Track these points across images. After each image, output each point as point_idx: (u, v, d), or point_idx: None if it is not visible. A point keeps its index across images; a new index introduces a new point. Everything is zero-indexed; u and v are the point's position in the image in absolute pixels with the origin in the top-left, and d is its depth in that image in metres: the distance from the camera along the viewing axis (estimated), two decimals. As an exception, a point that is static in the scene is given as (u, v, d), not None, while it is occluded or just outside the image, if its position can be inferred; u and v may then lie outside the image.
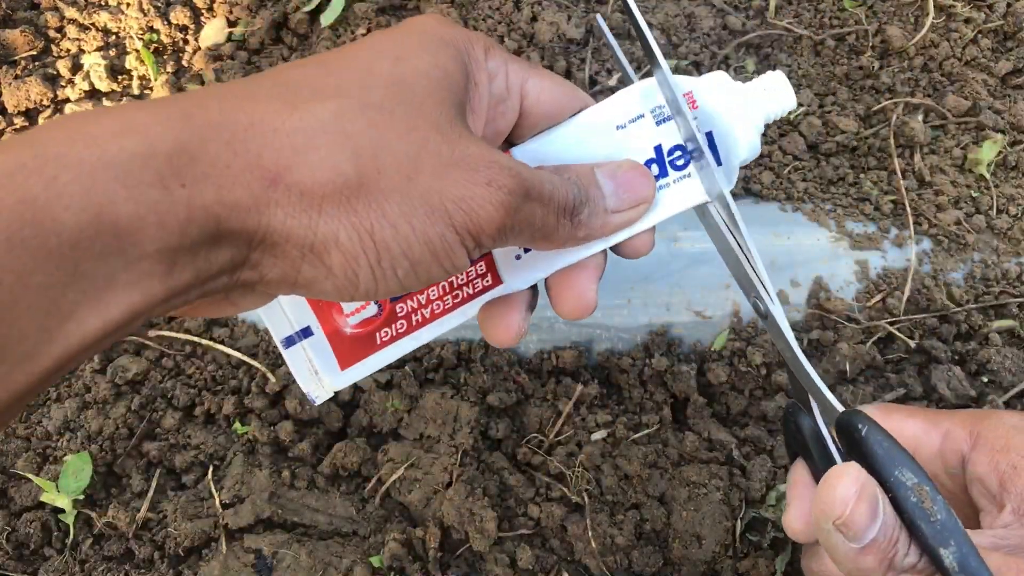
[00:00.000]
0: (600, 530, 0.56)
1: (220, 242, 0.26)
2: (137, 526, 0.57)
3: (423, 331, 0.38)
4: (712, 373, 0.61)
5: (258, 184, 0.26)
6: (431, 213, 0.28)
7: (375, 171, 0.27)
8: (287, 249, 0.27)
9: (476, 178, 0.29)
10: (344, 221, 0.27)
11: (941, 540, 0.30)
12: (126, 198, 0.23)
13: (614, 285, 0.63)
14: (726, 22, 0.70)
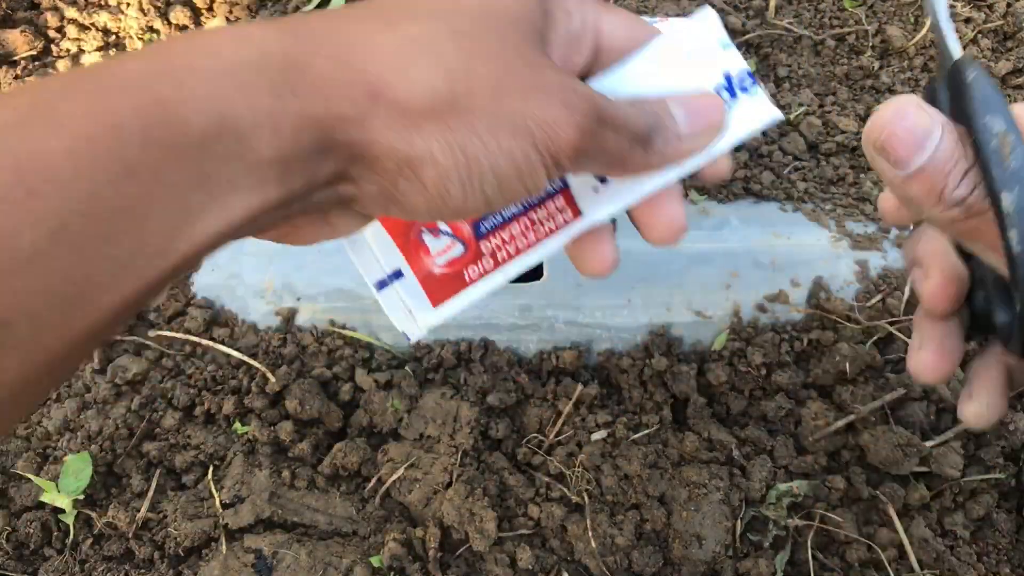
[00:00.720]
0: (600, 530, 0.56)
1: (326, 152, 0.28)
2: (137, 526, 0.57)
3: (509, 266, 0.39)
4: (712, 373, 0.61)
5: (362, 97, 0.28)
6: (516, 132, 0.30)
7: (467, 91, 0.29)
8: (385, 163, 0.29)
9: (554, 100, 0.31)
10: (439, 137, 0.29)
11: (1006, 184, 0.30)
12: (245, 105, 0.25)
13: (614, 285, 0.63)
14: (726, 22, 0.70)
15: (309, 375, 0.61)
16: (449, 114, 0.29)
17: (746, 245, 0.64)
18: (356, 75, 0.28)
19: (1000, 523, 0.58)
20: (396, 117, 0.28)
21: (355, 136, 0.28)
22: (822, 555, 0.58)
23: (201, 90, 0.25)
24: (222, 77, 0.25)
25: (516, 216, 0.39)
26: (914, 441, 0.57)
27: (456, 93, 0.29)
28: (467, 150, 0.30)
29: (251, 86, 0.25)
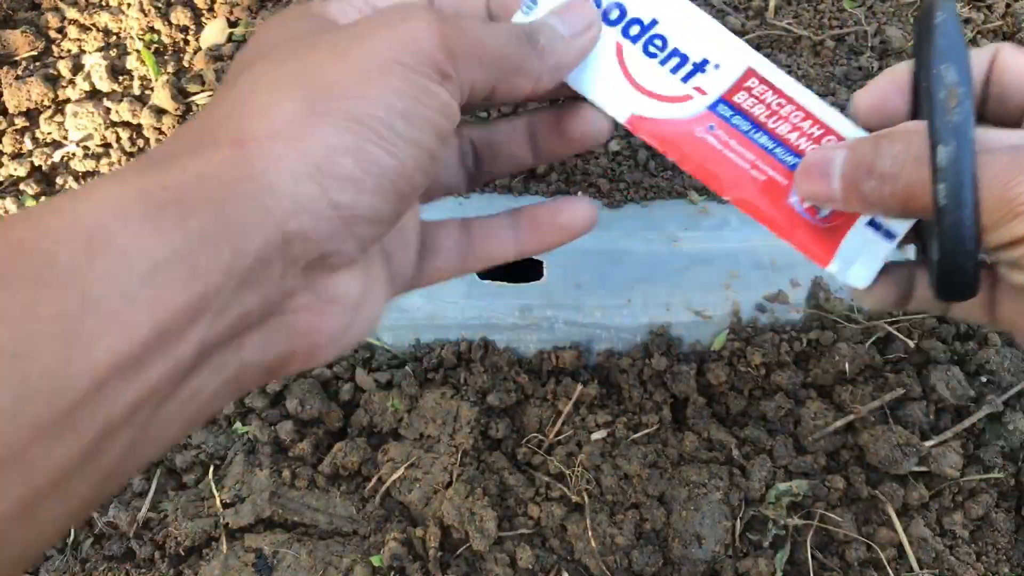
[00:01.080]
0: (600, 530, 0.56)
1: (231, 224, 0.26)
2: (138, 526, 0.57)
3: None
4: (712, 373, 0.61)
5: (229, 149, 0.26)
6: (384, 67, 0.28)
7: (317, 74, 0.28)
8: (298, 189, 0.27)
9: (409, 24, 0.29)
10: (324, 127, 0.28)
11: (943, 137, 0.30)
12: (112, 216, 0.23)
13: (614, 285, 0.63)
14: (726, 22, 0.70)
15: (309, 375, 0.61)
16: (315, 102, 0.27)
17: (746, 245, 0.64)
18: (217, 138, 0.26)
19: (999, 522, 0.58)
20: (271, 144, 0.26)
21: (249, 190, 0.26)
22: (821, 554, 0.58)
23: (57, 222, 0.23)
24: (84, 201, 0.23)
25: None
26: (913, 441, 0.57)
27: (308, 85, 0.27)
28: (355, 113, 0.28)
29: (111, 199, 0.24)
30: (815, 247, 0.42)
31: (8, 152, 0.70)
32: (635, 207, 0.67)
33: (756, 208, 0.42)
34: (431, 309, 0.63)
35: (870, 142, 0.33)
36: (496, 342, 0.63)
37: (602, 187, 0.66)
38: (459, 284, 0.63)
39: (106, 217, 0.23)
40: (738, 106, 0.42)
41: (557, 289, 0.63)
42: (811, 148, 0.40)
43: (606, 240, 0.64)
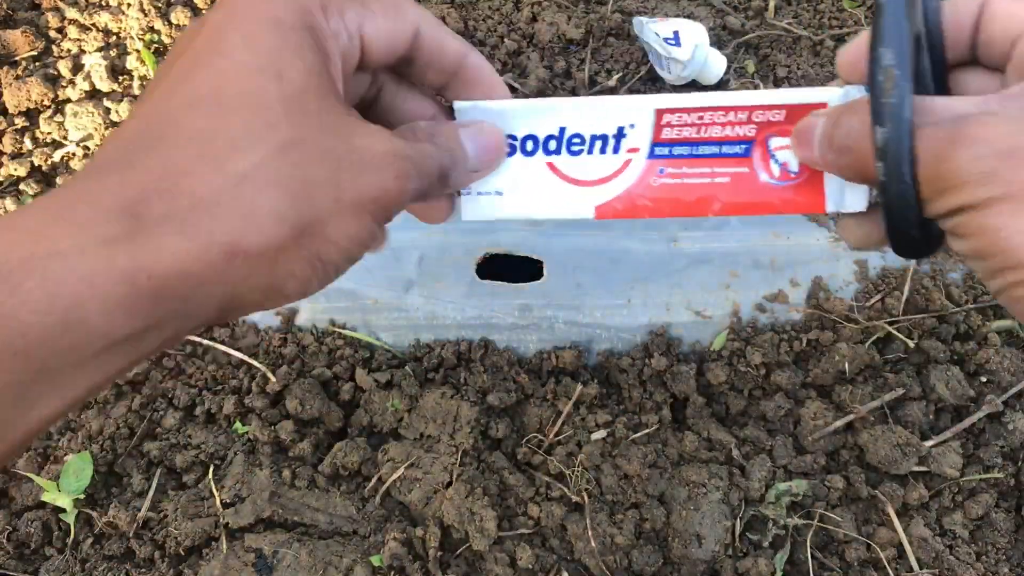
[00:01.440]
0: (600, 529, 0.56)
1: (189, 316, 0.28)
2: (138, 525, 0.57)
3: None
4: (711, 373, 0.61)
5: (218, 260, 0.28)
6: (359, 217, 0.33)
7: (311, 207, 0.31)
8: (250, 297, 0.31)
9: (385, 176, 0.33)
10: (296, 259, 0.31)
11: (880, 119, 0.32)
12: (92, 297, 0.25)
13: (614, 285, 0.63)
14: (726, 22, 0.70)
15: (309, 375, 0.61)
16: (303, 237, 0.30)
17: (746, 245, 0.64)
18: (206, 237, 0.28)
19: (999, 522, 0.58)
20: (257, 265, 0.29)
21: (217, 294, 0.29)
22: (821, 554, 0.58)
23: (39, 292, 0.24)
24: (63, 274, 0.25)
25: None
26: (913, 441, 0.57)
27: (302, 213, 0.30)
28: (323, 256, 0.32)
29: (98, 280, 0.25)
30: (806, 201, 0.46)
31: (8, 152, 0.70)
32: (635, 207, 0.67)
33: (739, 204, 0.47)
34: (431, 309, 0.63)
35: (834, 114, 0.35)
36: (496, 342, 0.63)
37: (602, 187, 0.67)
38: (459, 284, 0.63)
39: (85, 295, 0.25)
40: (670, 140, 0.46)
41: (557, 289, 0.63)
42: (745, 131, 0.45)
43: (606, 240, 0.64)
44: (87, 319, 0.25)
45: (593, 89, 0.68)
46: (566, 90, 0.68)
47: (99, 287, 0.25)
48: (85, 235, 0.26)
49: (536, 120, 0.46)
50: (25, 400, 0.25)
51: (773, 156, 0.46)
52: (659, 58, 0.65)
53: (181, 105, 0.31)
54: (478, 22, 0.69)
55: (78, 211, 0.26)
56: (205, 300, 0.29)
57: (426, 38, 0.40)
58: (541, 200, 0.47)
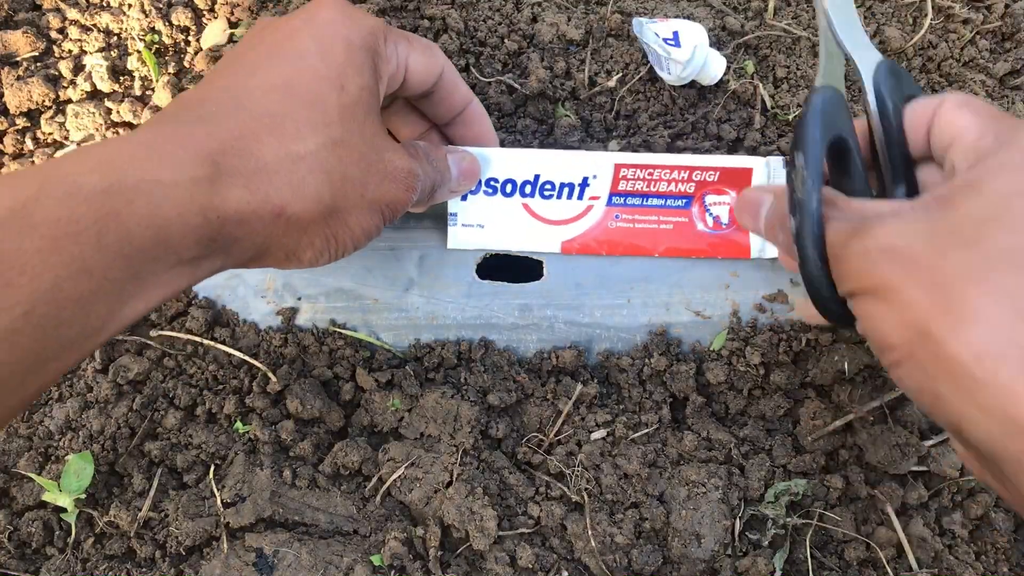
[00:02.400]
0: (600, 529, 0.56)
1: (234, 253, 0.36)
2: (139, 525, 0.57)
3: None
4: (711, 373, 0.61)
5: (269, 216, 0.36)
6: (373, 214, 0.41)
7: (343, 196, 0.39)
8: (277, 253, 0.39)
9: (400, 187, 0.42)
10: (319, 233, 0.39)
11: (793, 209, 0.38)
12: (179, 223, 0.32)
13: (614, 285, 0.63)
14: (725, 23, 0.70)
15: (310, 375, 0.62)
16: (330, 216, 0.38)
17: (745, 245, 0.65)
18: (264, 197, 0.35)
19: (998, 522, 0.58)
20: (292, 226, 0.37)
21: (259, 243, 0.37)
22: (820, 554, 0.58)
23: (145, 209, 0.31)
24: (162, 199, 0.31)
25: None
26: (912, 440, 0.57)
27: (336, 199, 0.38)
28: (339, 237, 0.40)
29: (184, 208, 0.32)
30: (734, 247, 0.58)
31: (9, 152, 0.70)
32: (635, 207, 0.67)
33: (679, 248, 0.58)
34: (431, 309, 0.63)
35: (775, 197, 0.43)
36: (496, 342, 0.63)
37: (602, 187, 0.67)
38: (459, 284, 0.63)
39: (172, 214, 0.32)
40: (624, 191, 0.55)
41: (557, 289, 0.63)
42: (686, 187, 0.55)
43: (606, 240, 0.65)
44: (171, 238, 0.32)
45: (592, 89, 0.68)
46: (566, 90, 0.68)
47: (184, 215, 0.32)
48: (180, 172, 0.32)
49: (516, 166, 0.55)
50: (123, 296, 0.31)
51: (708, 210, 0.57)
52: (659, 59, 0.65)
53: (260, 86, 0.38)
54: (479, 22, 0.69)
55: (175, 152, 0.33)
56: (247, 245, 0.36)
57: (447, 80, 0.49)
58: (516, 235, 0.56)
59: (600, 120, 0.68)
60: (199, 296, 0.64)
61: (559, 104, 0.68)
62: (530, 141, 0.68)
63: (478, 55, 0.68)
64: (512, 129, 0.68)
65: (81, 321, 0.30)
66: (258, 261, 0.38)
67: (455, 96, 0.51)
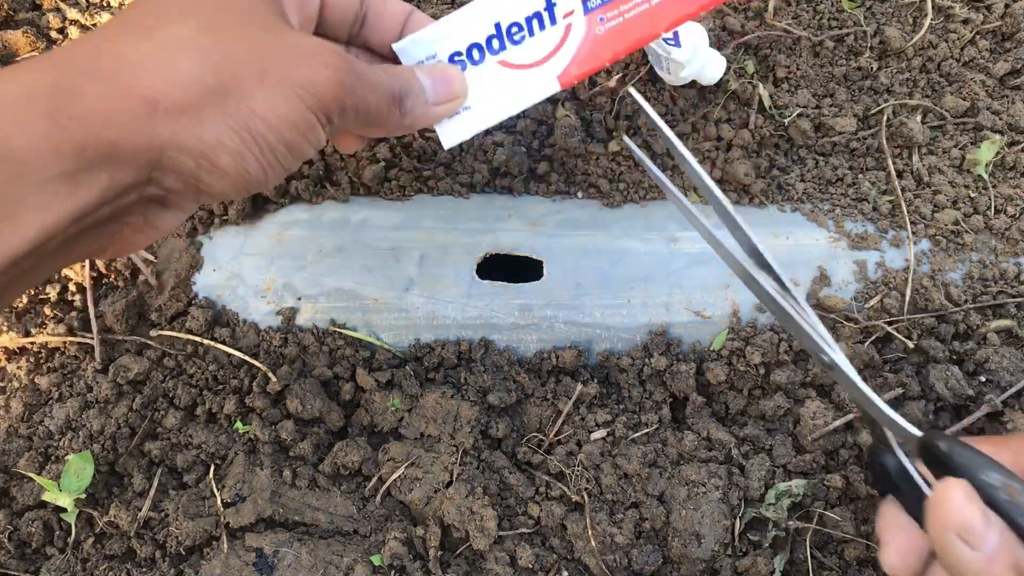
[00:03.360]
0: (600, 529, 0.56)
1: (119, 163, 0.31)
2: (139, 525, 0.57)
3: None
4: (711, 373, 0.61)
5: (139, 109, 0.30)
6: (288, 99, 0.34)
7: (232, 76, 0.32)
8: (182, 160, 0.32)
9: (315, 63, 0.35)
10: (223, 125, 0.32)
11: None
12: (17, 132, 0.28)
13: (614, 285, 0.63)
14: (725, 23, 0.70)
15: (310, 375, 0.62)
16: (225, 100, 0.32)
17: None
18: (127, 90, 0.30)
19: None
20: (177, 117, 0.31)
21: (144, 144, 0.31)
22: (820, 553, 0.58)
23: None
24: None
25: None
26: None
27: (224, 80, 0.32)
28: (251, 129, 0.33)
29: (22, 117, 0.28)
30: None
31: (9, 152, 0.70)
32: (635, 207, 0.67)
33: (684, 10, 0.49)
34: (431, 309, 0.63)
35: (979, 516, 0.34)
36: (496, 342, 0.63)
37: (602, 187, 0.67)
38: (459, 284, 0.63)
39: (11, 129, 0.28)
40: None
41: (557, 289, 0.63)
42: None
43: (606, 240, 0.65)
44: (15, 151, 0.28)
45: (593, 90, 0.68)
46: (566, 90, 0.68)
47: (24, 123, 0.28)
48: (15, 85, 0.29)
49: (472, 27, 0.48)
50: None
51: None
52: (658, 59, 0.65)
53: (135, 3, 0.34)
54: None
55: (14, 70, 0.29)
56: (132, 149, 0.31)
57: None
58: (507, 97, 0.48)
59: (600, 120, 0.68)
60: (199, 296, 0.64)
61: (559, 104, 0.68)
62: (530, 141, 0.68)
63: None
64: (512, 130, 0.68)
65: None
66: (166, 176, 0.33)
67: (388, 9, 0.44)
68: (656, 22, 0.49)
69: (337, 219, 0.65)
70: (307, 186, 0.66)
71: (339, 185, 0.66)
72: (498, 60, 0.48)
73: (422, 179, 0.67)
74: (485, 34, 0.48)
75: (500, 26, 0.48)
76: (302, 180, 0.66)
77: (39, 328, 0.64)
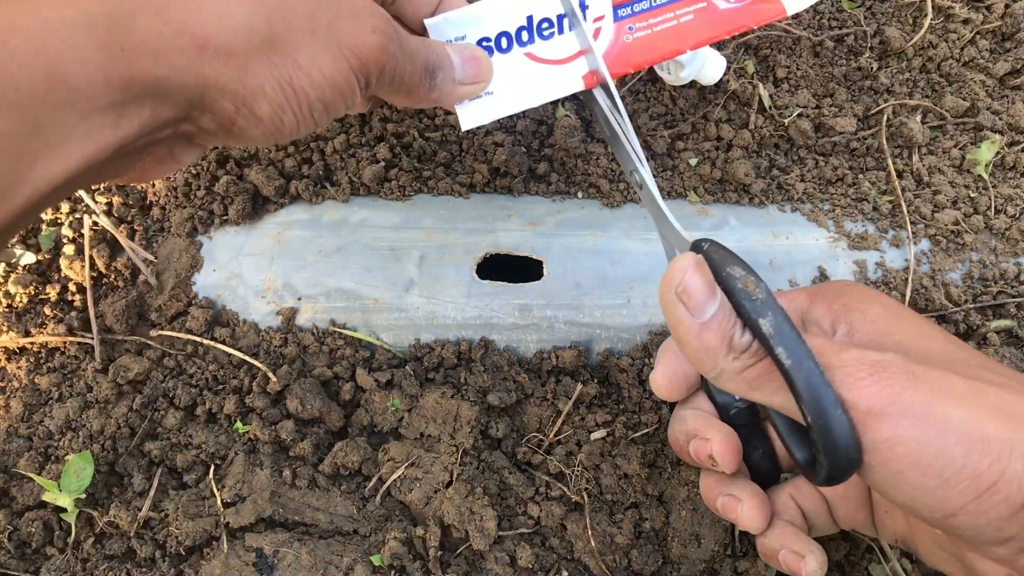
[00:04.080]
0: (599, 529, 0.56)
1: (161, 99, 0.31)
2: (139, 525, 0.57)
3: None
4: (711, 373, 0.61)
5: (191, 48, 0.30)
6: (335, 60, 0.34)
7: (284, 28, 0.33)
8: (222, 103, 0.32)
9: (364, 25, 0.35)
10: (267, 74, 0.33)
11: (760, 313, 0.34)
12: (73, 58, 0.27)
13: (613, 285, 0.63)
14: (725, 23, 0.70)
15: (310, 375, 0.62)
16: (273, 51, 0.32)
17: (744, 245, 0.65)
18: (180, 27, 0.30)
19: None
20: (225, 61, 0.31)
21: (189, 83, 0.31)
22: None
23: (26, 47, 0.26)
24: (47, 36, 0.27)
25: None
26: (912, 440, 0.57)
27: (275, 32, 0.32)
28: (294, 83, 0.33)
29: (78, 43, 0.28)
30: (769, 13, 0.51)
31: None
32: (635, 207, 0.67)
33: (710, 33, 0.51)
34: (431, 309, 0.63)
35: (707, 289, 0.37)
36: (496, 342, 0.63)
37: (602, 187, 0.67)
38: (459, 284, 0.63)
39: (68, 55, 0.27)
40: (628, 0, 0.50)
41: (557, 289, 0.63)
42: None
43: (606, 240, 0.65)
44: (68, 78, 0.27)
45: (593, 89, 0.68)
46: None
47: (79, 50, 0.27)
48: (68, 10, 0.28)
49: (504, 16, 0.49)
50: (26, 154, 0.27)
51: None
52: (659, 59, 0.65)
53: None
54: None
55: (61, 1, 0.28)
56: (177, 87, 0.31)
57: None
58: (530, 88, 0.49)
59: (600, 120, 0.68)
60: (199, 296, 0.64)
61: (559, 105, 0.68)
62: (530, 141, 0.68)
63: (478, 55, 0.68)
64: (512, 130, 0.68)
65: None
66: (203, 115, 0.33)
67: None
68: (683, 40, 0.50)
69: (337, 219, 0.65)
70: (307, 186, 0.66)
71: (339, 185, 0.66)
72: (525, 52, 0.49)
73: (422, 179, 0.67)
74: (516, 25, 0.49)
75: (532, 19, 0.49)
76: (302, 180, 0.66)
77: (39, 328, 0.64)
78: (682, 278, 0.36)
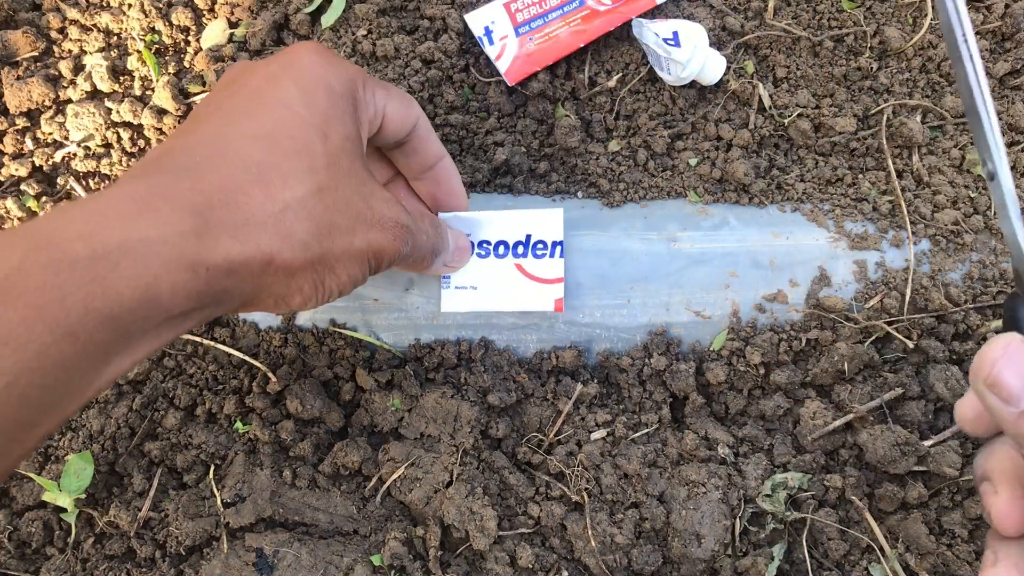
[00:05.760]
0: (600, 529, 0.56)
1: (225, 304, 0.36)
2: (139, 525, 0.57)
3: None
4: (711, 373, 0.61)
5: (259, 266, 0.36)
6: (360, 263, 0.42)
7: (331, 244, 0.39)
8: (267, 300, 0.39)
9: (387, 236, 0.42)
10: (308, 279, 0.39)
11: None
12: (166, 280, 0.32)
13: (614, 285, 0.63)
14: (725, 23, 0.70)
15: (310, 375, 0.62)
16: (319, 263, 0.39)
17: (745, 245, 0.65)
18: (254, 248, 0.35)
19: (998, 522, 0.58)
20: (282, 276, 0.37)
21: (248, 291, 0.37)
22: (819, 552, 0.58)
23: (133, 270, 0.30)
24: (149, 258, 0.31)
25: None
26: (912, 440, 0.57)
27: (324, 248, 0.39)
28: (326, 283, 0.40)
29: (172, 265, 0.32)
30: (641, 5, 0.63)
31: (9, 152, 0.70)
32: (634, 207, 0.67)
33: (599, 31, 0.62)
34: (431, 309, 0.63)
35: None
36: (496, 342, 0.63)
37: (602, 187, 0.67)
38: (459, 284, 0.63)
39: (163, 277, 0.32)
40: None
41: (557, 289, 0.63)
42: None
43: (606, 240, 0.65)
44: (160, 296, 0.32)
45: (592, 90, 0.68)
46: (566, 90, 0.68)
47: (172, 272, 0.32)
48: (167, 228, 0.32)
49: (509, 229, 0.57)
50: (108, 356, 0.31)
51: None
52: (658, 59, 0.65)
53: (243, 135, 0.38)
54: (478, 23, 0.69)
55: (160, 207, 0.33)
56: (238, 295, 0.36)
57: (421, 131, 0.50)
58: (509, 295, 0.57)
59: (600, 120, 0.68)
60: (199, 296, 0.64)
61: (559, 104, 0.68)
62: (530, 141, 0.68)
63: (477, 55, 0.68)
64: (512, 129, 0.68)
65: (65, 384, 0.30)
66: (247, 307, 0.39)
67: (428, 149, 0.51)
68: (578, 40, 0.61)
69: (337, 219, 0.65)
70: (307, 186, 0.66)
71: (339, 185, 0.66)
72: (516, 263, 0.57)
73: (422, 179, 0.67)
74: (515, 239, 0.57)
75: (530, 238, 0.57)
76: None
77: (39, 328, 0.64)
78: (991, 370, 0.33)
